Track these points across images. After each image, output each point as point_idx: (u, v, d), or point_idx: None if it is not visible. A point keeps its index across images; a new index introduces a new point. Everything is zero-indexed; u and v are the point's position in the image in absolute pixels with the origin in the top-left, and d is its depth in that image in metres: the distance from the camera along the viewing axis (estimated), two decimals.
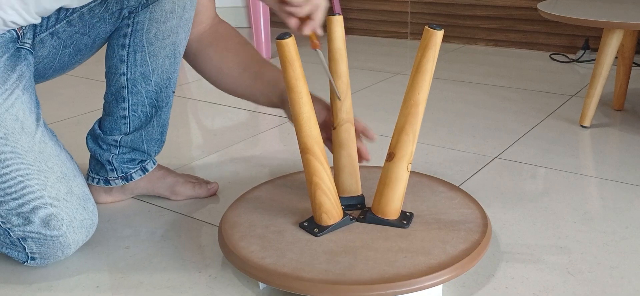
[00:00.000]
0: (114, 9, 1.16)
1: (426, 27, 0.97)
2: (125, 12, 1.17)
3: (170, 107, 1.30)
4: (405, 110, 1.00)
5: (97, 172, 1.29)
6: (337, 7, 2.90)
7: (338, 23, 1.09)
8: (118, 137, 1.26)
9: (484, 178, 1.40)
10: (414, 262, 0.95)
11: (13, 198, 1.02)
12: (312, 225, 1.05)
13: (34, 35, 1.11)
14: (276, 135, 1.73)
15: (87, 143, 1.29)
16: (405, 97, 1.00)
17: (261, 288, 1.01)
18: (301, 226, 1.06)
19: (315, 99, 1.17)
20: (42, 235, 1.04)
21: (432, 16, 2.86)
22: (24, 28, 1.08)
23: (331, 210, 1.04)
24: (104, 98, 1.27)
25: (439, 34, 0.96)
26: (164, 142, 1.32)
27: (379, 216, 1.06)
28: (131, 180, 1.29)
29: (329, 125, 1.18)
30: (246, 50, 1.31)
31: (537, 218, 1.21)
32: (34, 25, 1.11)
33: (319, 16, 1.04)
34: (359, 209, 1.11)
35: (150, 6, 1.16)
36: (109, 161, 1.27)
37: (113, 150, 1.27)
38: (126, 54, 1.20)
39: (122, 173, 1.29)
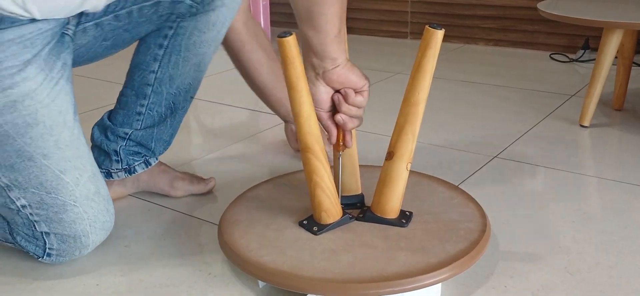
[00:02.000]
0: (164, 12, 1.18)
1: (427, 26, 0.97)
2: (173, 16, 1.19)
3: (186, 111, 1.32)
4: (405, 109, 1.00)
5: (99, 164, 1.29)
6: None
7: None
8: (129, 131, 1.27)
9: (483, 178, 1.40)
10: (413, 261, 0.95)
11: (47, 191, 1.02)
12: (312, 224, 1.05)
13: (78, 23, 1.12)
14: (276, 134, 1.73)
15: (92, 134, 1.30)
16: (405, 96, 1.00)
17: (261, 286, 1.01)
18: (301, 224, 1.07)
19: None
20: (66, 232, 1.04)
21: (432, 16, 2.87)
22: None
23: (331, 208, 1.04)
24: (122, 91, 1.28)
25: (440, 34, 0.96)
26: (170, 144, 1.34)
27: (379, 215, 1.06)
28: (134, 173, 1.30)
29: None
30: (271, 69, 1.44)
31: (536, 217, 1.21)
32: (79, 15, 1.12)
33: (354, 124, 1.04)
34: (358, 208, 1.11)
35: (198, 16, 1.18)
36: (116, 151, 1.28)
37: (120, 141, 1.28)
38: (162, 53, 1.22)
39: (127, 165, 1.29)
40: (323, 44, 0.97)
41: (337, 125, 1.04)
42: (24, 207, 1.03)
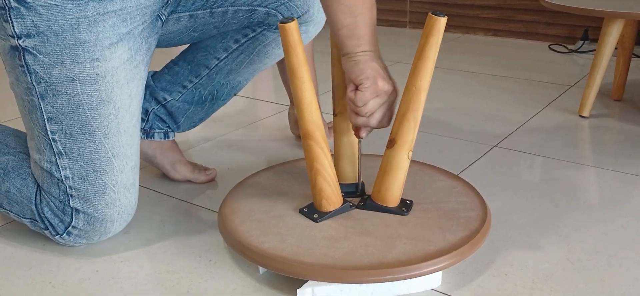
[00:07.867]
0: (256, 20, 1.20)
1: (429, 13, 0.96)
2: (262, 25, 1.21)
3: (225, 104, 1.35)
4: (407, 96, 1.00)
5: None
6: None
7: None
8: (168, 98, 1.29)
9: (483, 167, 1.40)
10: (414, 249, 0.95)
11: (95, 169, 1.03)
12: (312, 211, 1.05)
13: (173, 12, 1.13)
14: (275, 122, 1.73)
15: None
16: (407, 84, 1.00)
17: (261, 272, 1.01)
18: (301, 212, 1.06)
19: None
20: (96, 214, 1.05)
21: (432, 5, 2.86)
22: None
23: (331, 196, 1.04)
24: (175, 60, 1.29)
25: (442, 21, 0.96)
26: (196, 126, 1.37)
27: (379, 203, 1.06)
28: (151, 138, 1.31)
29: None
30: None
31: (536, 206, 1.21)
32: (178, 2, 1.13)
33: (373, 122, 1.01)
34: (359, 196, 1.11)
35: None
36: (146, 110, 1.29)
37: (154, 104, 1.29)
38: (234, 48, 1.24)
39: (149, 127, 1.30)
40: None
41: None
42: (66, 177, 1.03)
